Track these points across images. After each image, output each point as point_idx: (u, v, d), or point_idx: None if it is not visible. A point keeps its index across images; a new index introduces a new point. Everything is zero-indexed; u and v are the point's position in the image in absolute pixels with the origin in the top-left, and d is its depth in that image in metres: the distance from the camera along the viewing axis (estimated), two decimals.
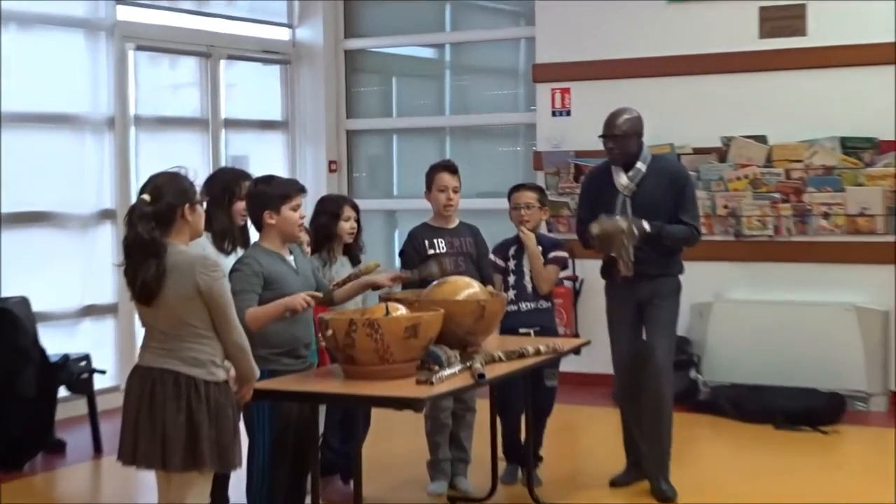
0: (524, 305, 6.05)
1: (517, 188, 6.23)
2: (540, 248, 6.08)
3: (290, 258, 4.87)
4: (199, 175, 4.32)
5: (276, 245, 4.82)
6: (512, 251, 6.15)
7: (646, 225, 5.69)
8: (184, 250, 4.11)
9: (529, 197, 6.14)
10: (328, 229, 5.69)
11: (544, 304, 6.11)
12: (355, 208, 5.81)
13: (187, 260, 4.07)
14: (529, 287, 6.08)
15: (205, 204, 4.33)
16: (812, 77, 8.17)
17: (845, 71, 8.04)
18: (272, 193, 4.79)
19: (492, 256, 6.16)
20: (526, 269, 6.09)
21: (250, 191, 4.91)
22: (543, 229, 6.70)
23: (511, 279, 6.12)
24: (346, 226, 5.73)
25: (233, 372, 4.24)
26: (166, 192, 4.09)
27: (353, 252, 5.80)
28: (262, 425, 4.75)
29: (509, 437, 6.11)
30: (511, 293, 6.02)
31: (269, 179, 4.89)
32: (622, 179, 5.83)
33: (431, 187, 5.93)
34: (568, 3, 8.92)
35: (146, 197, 4.08)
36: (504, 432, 6.06)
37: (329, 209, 5.73)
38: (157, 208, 4.06)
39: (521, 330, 5.96)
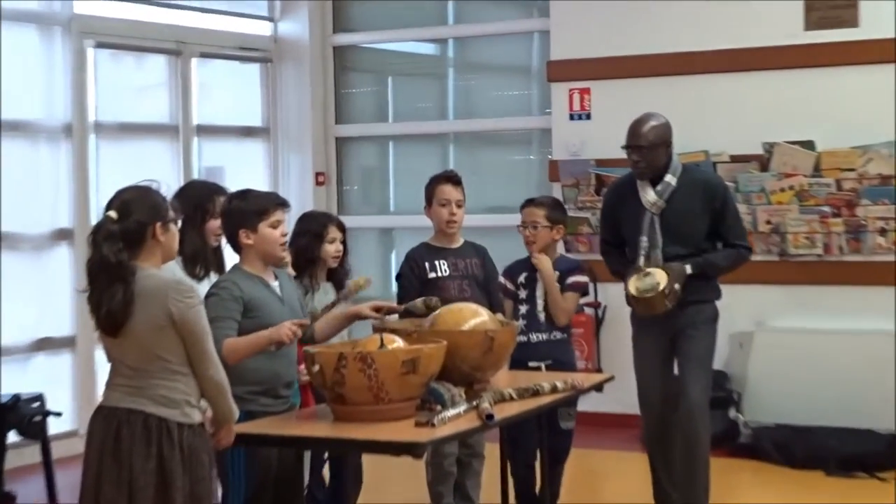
0: (535, 336, 6.05)
1: (525, 203, 6.24)
2: (557, 273, 6.08)
3: (275, 284, 4.87)
4: (170, 189, 4.35)
5: (257, 268, 4.82)
6: (523, 278, 6.15)
7: (687, 268, 5.72)
8: (155, 274, 4.12)
9: (536, 214, 6.13)
10: (310, 252, 5.66)
11: (558, 336, 6.11)
12: (341, 228, 5.79)
13: (159, 285, 4.08)
14: (542, 317, 6.08)
15: (179, 222, 4.34)
16: (865, 74, 8.18)
17: None
18: (247, 210, 4.79)
19: (501, 279, 6.17)
20: (539, 299, 6.09)
21: (224, 208, 4.92)
22: (560, 247, 6.70)
23: (522, 308, 6.12)
24: (331, 249, 5.70)
25: (209, 413, 4.24)
26: (135, 209, 4.10)
27: (338, 278, 5.78)
28: (238, 474, 4.73)
29: (522, 487, 6.10)
30: (521, 323, 6.02)
31: (245, 194, 4.89)
32: (649, 195, 5.83)
33: (432, 201, 5.94)
34: None
35: (113, 214, 4.09)
36: (515, 482, 6.05)
37: (312, 229, 5.70)
38: (125, 227, 4.08)
39: (531, 363, 5.97)
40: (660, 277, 5.68)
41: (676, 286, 5.67)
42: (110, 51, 8.75)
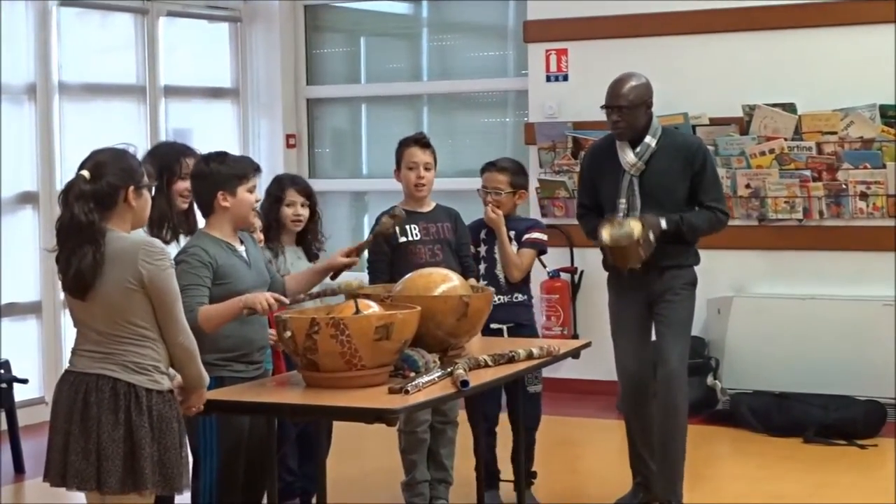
0: (496, 298, 6.06)
1: (486, 167, 6.26)
2: (513, 232, 6.12)
3: (242, 249, 4.88)
4: (139, 152, 4.35)
5: (225, 233, 4.83)
6: (483, 234, 6.19)
7: (662, 222, 5.72)
8: (126, 236, 4.13)
9: (498, 180, 6.15)
10: (270, 215, 5.75)
11: (519, 297, 6.15)
12: (305, 192, 5.85)
13: (129, 247, 4.09)
14: (502, 277, 6.12)
15: (153, 189, 4.35)
16: (847, 35, 8.20)
17: (885, 28, 8.07)
18: (227, 173, 4.81)
19: None
20: (498, 256, 6.12)
21: (200, 170, 4.92)
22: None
23: (481, 267, 6.15)
24: (289, 212, 5.77)
25: (177, 380, 4.26)
26: (108, 171, 4.11)
27: (307, 243, 5.84)
28: (210, 442, 4.77)
29: (483, 453, 6.10)
30: (481, 283, 6.06)
31: (223, 156, 4.91)
32: (629, 157, 5.85)
33: (401, 165, 5.96)
34: None
35: (85, 173, 4.10)
36: (476, 447, 6.05)
37: (271, 192, 5.81)
38: (97, 188, 4.09)
39: (493, 325, 5.99)
40: (634, 226, 5.69)
41: (651, 236, 5.67)
42: (75, 9, 8.69)
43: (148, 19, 9.10)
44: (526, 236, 6.15)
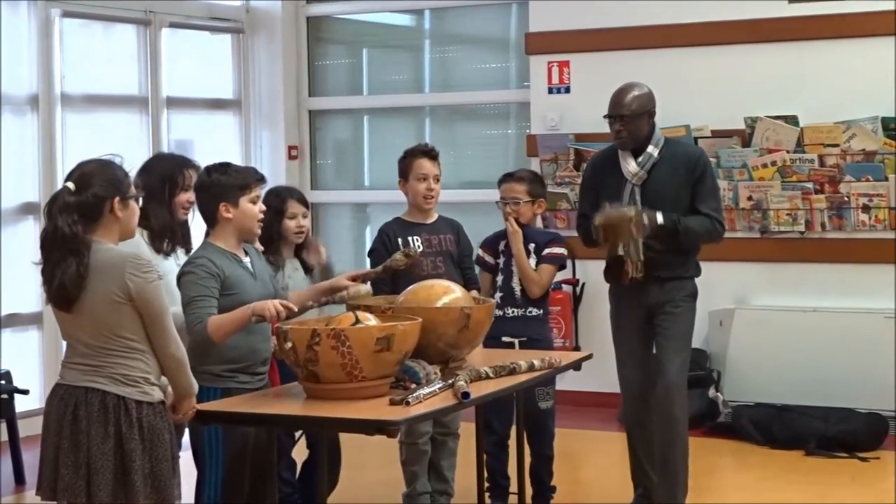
0: (510, 311, 6.09)
1: (504, 178, 6.27)
2: (533, 245, 6.11)
3: (247, 260, 4.90)
4: (134, 166, 4.35)
5: (230, 244, 4.85)
6: (502, 245, 6.19)
7: (659, 217, 5.72)
8: (111, 248, 4.14)
9: (516, 190, 6.17)
10: (271, 229, 5.69)
11: (533, 312, 6.13)
12: (304, 203, 5.83)
13: (116, 259, 4.10)
14: (518, 290, 6.11)
15: (140, 200, 4.35)
16: (849, 48, 8.21)
17: (888, 41, 8.08)
18: (230, 183, 4.82)
19: (479, 251, 6.21)
20: (515, 269, 6.12)
21: (203, 181, 4.93)
22: (538, 223, 6.73)
23: (498, 279, 6.15)
24: (292, 224, 5.73)
25: (169, 390, 4.27)
26: (94, 182, 4.12)
27: (303, 254, 5.82)
28: (215, 451, 4.77)
29: (495, 464, 6.12)
30: (497, 296, 6.06)
31: (225, 167, 4.92)
32: (631, 166, 5.87)
33: (408, 176, 5.97)
34: None
35: (70, 185, 4.12)
36: (487, 459, 6.07)
37: (272, 205, 5.68)
38: (82, 199, 4.10)
39: (504, 338, 6.00)
40: (629, 210, 5.69)
41: (645, 219, 5.66)
42: (78, 20, 8.71)
43: (150, 30, 9.12)
44: (546, 251, 6.13)
